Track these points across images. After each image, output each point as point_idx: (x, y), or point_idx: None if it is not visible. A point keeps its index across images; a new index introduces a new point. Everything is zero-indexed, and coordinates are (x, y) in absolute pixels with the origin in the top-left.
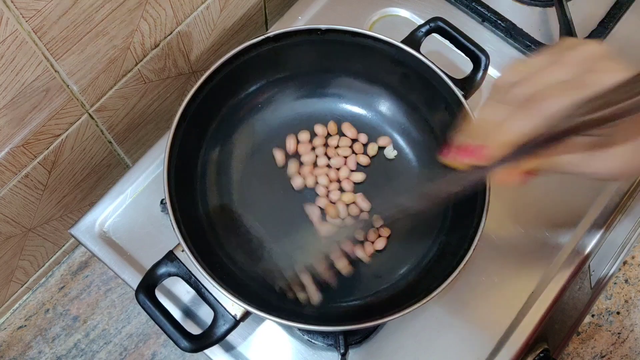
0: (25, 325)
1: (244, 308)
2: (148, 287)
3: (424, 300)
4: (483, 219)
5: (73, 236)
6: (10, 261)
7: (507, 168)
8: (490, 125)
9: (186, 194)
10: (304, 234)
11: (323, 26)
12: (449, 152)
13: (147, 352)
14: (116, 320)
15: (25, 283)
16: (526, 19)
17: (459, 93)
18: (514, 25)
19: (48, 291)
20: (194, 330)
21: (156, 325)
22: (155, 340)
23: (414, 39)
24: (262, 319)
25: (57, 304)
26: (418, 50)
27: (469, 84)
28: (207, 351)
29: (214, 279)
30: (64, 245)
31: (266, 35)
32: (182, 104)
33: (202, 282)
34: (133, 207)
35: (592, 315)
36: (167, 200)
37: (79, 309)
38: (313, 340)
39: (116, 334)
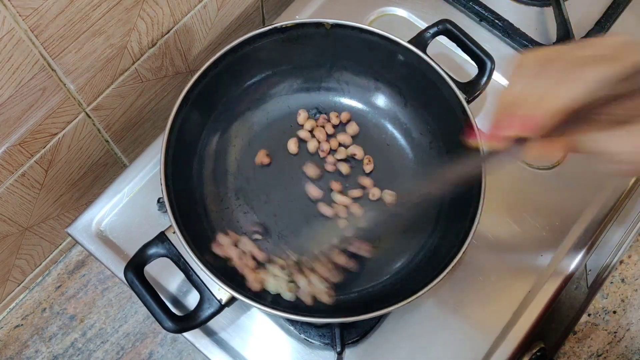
0: (22, 325)
1: (230, 293)
2: (137, 266)
3: (411, 298)
4: (476, 221)
5: (70, 235)
6: (7, 260)
7: (546, 141)
8: (531, 97)
9: (182, 181)
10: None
11: (331, 20)
12: (485, 132)
13: (144, 351)
14: (113, 319)
15: (22, 282)
16: (523, 18)
17: (461, 97)
18: (511, 24)
19: (45, 290)
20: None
21: (153, 324)
22: (152, 339)
23: (420, 40)
24: (259, 317)
25: (53, 303)
26: (424, 52)
27: (472, 88)
28: (205, 351)
29: (202, 262)
30: (60, 244)
31: (273, 26)
32: (184, 90)
33: (190, 264)
34: (130, 206)
35: (589, 315)
36: (162, 181)
37: (75, 308)
38: (310, 339)
39: (113, 333)
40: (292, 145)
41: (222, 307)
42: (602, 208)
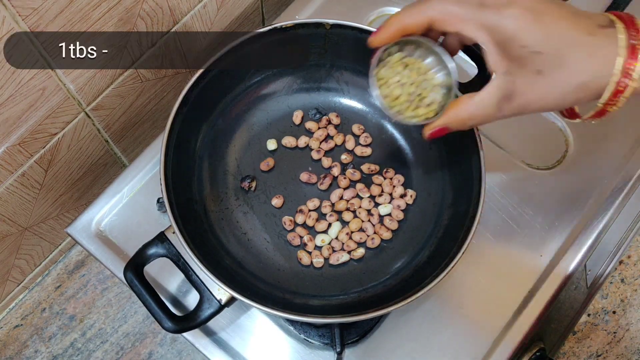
0: (21, 325)
1: (229, 293)
2: (137, 266)
3: (411, 298)
4: (476, 222)
5: (69, 235)
6: (7, 260)
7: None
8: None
9: (182, 181)
10: None
11: (331, 21)
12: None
13: (144, 351)
14: (113, 319)
15: (21, 282)
16: None
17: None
18: None
19: (44, 290)
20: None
21: (153, 324)
22: (152, 339)
23: None
24: (258, 317)
25: (53, 303)
26: None
27: (472, 88)
28: (205, 351)
29: (202, 262)
30: (60, 244)
31: (273, 26)
32: (183, 90)
33: (190, 265)
34: (130, 206)
35: (588, 315)
36: (162, 182)
37: (75, 308)
38: (310, 339)
39: (113, 333)
40: (291, 145)
41: (221, 307)
42: (602, 208)
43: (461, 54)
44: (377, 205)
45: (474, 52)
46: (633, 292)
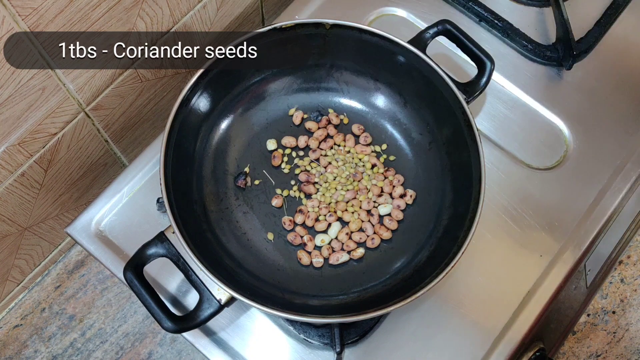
0: (21, 324)
1: (229, 293)
2: (136, 266)
3: (411, 298)
4: (475, 221)
5: (69, 235)
6: (6, 260)
7: None
8: None
9: (182, 181)
10: None
11: (330, 21)
12: None
13: (144, 351)
14: (112, 319)
15: (21, 282)
16: (523, 18)
17: (461, 97)
18: (510, 25)
19: (44, 290)
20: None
21: (152, 324)
22: (152, 339)
23: (420, 41)
24: (258, 317)
25: (53, 303)
26: (424, 52)
27: (472, 89)
28: (204, 351)
29: (201, 262)
30: (60, 244)
31: (273, 26)
32: (183, 90)
33: (190, 265)
34: (129, 206)
35: (588, 315)
36: (162, 182)
37: (75, 308)
38: (309, 339)
39: (112, 332)
40: (291, 145)
41: (221, 307)
42: (601, 208)
43: (461, 53)
44: (377, 205)
45: (473, 52)
46: (633, 292)
